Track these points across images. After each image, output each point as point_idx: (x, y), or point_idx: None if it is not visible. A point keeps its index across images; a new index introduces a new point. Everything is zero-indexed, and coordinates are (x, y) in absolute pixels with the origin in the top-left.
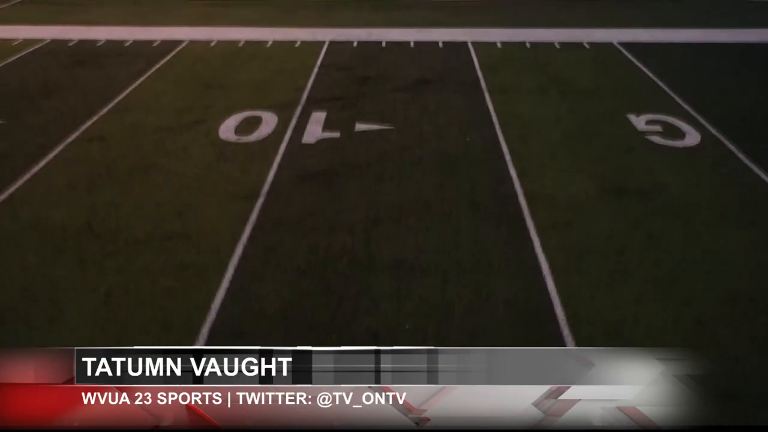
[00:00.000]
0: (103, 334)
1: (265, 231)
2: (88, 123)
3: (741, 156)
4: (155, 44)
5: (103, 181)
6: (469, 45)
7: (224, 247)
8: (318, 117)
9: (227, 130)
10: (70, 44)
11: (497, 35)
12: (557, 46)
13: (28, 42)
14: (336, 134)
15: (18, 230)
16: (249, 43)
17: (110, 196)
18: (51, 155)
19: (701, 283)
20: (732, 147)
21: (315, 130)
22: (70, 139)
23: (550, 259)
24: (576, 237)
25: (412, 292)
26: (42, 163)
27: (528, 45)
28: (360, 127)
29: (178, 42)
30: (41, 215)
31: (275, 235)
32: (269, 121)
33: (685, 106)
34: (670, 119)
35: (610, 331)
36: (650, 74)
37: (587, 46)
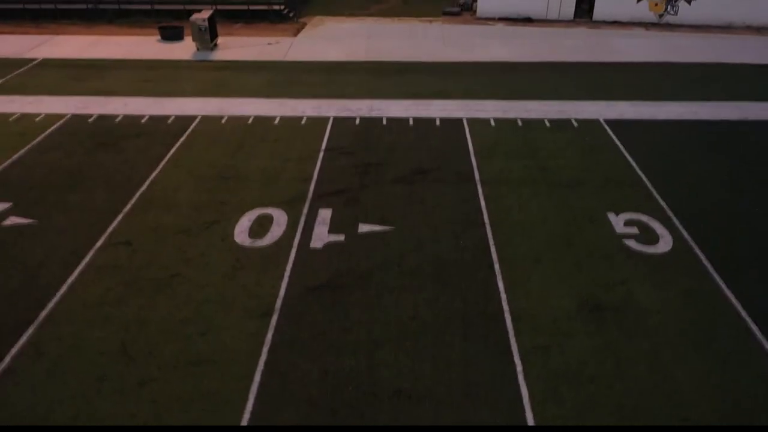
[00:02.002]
0: None
1: (280, 354)
2: (114, 223)
3: (707, 265)
4: (170, 121)
5: (131, 293)
6: (465, 123)
7: (244, 373)
8: (324, 216)
9: (242, 231)
10: (90, 120)
11: (492, 109)
12: (547, 123)
13: (50, 118)
14: (341, 237)
15: (63, 355)
16: (258, 120)
17: (139, 312)
18: (83, 263)
19: (660, 415)
20: (700, 254)
21: (322, 232)
22: (99, 244)
23: (530, 388)
24: (554, 362)
25: (409, 424)
26: (76, 273)
27: (520, 123)
28: (363, 228)
29: (191, 118)
30: (80, 336)
31: (289, 359)
32: (280, 220)
33: (662, 203)
34: (646, 219)
35: None
36: (632, 162)
37: (575, 124)
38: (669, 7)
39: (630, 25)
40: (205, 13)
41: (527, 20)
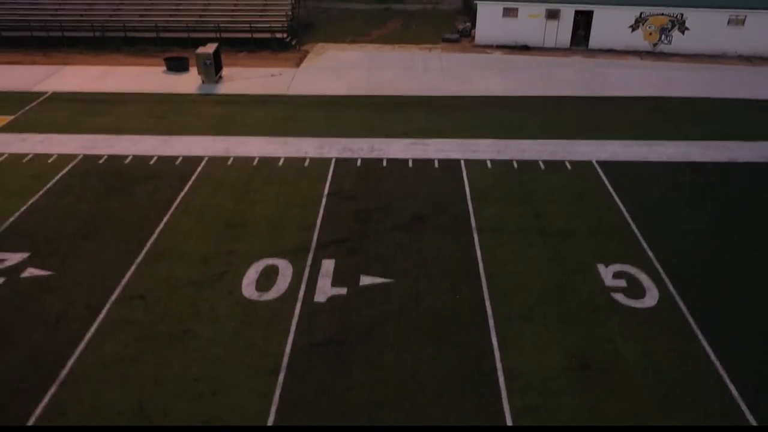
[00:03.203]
0: None
1: (287, 415)
2: (128, 275)
3: (691, 321)
4: (178, 162)
5: (146, 350)
6: (462, 165)
7: None
8: (327, 267)
9: (249, 284)
10: (101, 161)
11: (488, 150)
12: (542, 166)
13: (62, 159)
14: (343, 291)
15: (84, 415)
16: (263, 161)
17: (155, 370)
18: (100, 318)
19: None
20: (684, 309)
21: (325, 285)
22: (114, 297)
23: None
24: (543, 423)
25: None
26: (93, 329)
27: (515, 165)
28: (364, 281)
29: (198, 159)
30: (99, 396)
31: (295, 420)
32: (285, 271)
33: (650, 254)
34: (634, 271)
35: None
36: (622, 208)
37: (569, 166)
38: (663, 36)
39: (625, 53)
40: (210, 47)
41: (524, 48)
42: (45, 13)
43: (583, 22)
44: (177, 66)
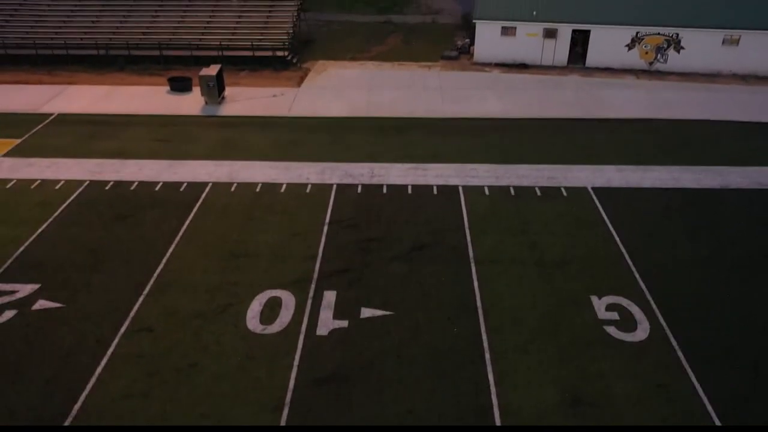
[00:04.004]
0: None
1: None
2: (136, 307)
3: (681, 355)
4: (182, 188)
5: (155, 385)
6: (460, 191)
7: None
8: (329, 299)
9: (253, 317)
10: (107, 187)
11: (486, 175)
12: (538, 192)
13: (69, 185)
14: (344, 323)
15: None
16: (265, 187)
17: (163, 406)
18: (109, 352)
19: None
20: (674, 343)
21: (327, 317)
22: (122, 330)
23: None
24: None
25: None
26: (103, 363)
27: (512, 192)
28: (365, 313)
29: (202, 185)
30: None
31: None
32: (288, 303)
33: (642, 285)
34: (626, 303)
35: None
36: (616, 237)
37: (564, 193)
38: (659, 55)
39: (621, 72)
40: (213, 69)
41: (522, 66)
42: (49, 30)
43: (580, 40)
44: (180, 87)
